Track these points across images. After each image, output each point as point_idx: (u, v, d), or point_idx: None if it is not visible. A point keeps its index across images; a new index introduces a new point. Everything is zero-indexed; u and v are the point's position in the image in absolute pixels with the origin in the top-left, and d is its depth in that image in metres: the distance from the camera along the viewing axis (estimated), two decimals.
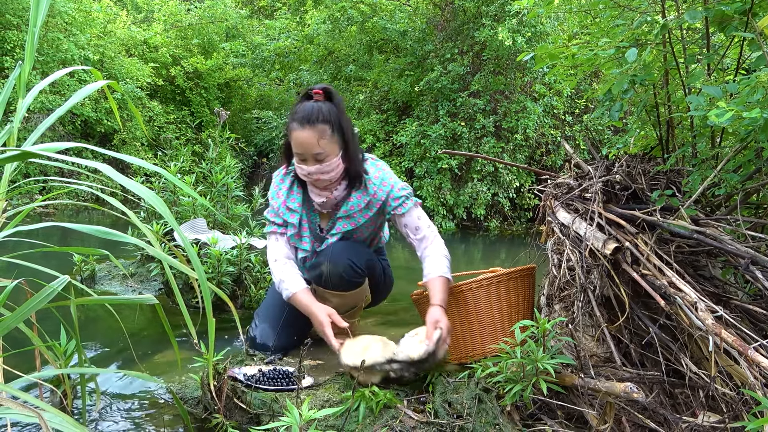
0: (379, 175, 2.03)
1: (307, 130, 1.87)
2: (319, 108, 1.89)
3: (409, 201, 2.02)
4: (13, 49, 7.78)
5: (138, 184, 0.90)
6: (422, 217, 2.04)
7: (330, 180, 1.97)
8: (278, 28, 11.18)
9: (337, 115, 1.92)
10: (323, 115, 1.88)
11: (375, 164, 2.06)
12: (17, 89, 1.49)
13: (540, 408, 1.55)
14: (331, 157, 1.92)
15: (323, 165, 1.92)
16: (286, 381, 1.72)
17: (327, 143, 1.90)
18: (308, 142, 1.88)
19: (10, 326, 1.05)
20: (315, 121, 1.87)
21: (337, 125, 1.91)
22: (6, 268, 1.36)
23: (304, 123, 1.87)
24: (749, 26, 1.51)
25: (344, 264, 1.99)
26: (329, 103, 1.92)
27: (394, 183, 2.03)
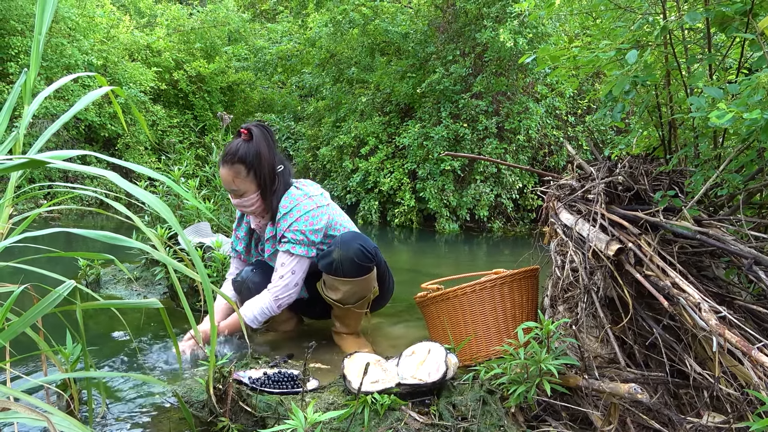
0: (288, 204, 2.09)
1: (225, 168, 2.05)
2: (237, 148, 2.02)
3: (285, 245, 2.08)
4: (17, 54, 7.83)
5: (142, 189, 0.91)
6: (285, 266, 2.09)
7: (254, 212, 2.15)
8: (280, 32, 11.22)
9: (255, 156, 2.03)
10: (239, 156, 2.02)
11: (291, 194, 2.11)
12: (23, 96, 1.51)
13: (544, 409, 1.55)
14: (249, 194, 2.09)
15: (243, 200, 2.10)
16: (290, 384, 1.72)
17: (241, 182, 2.05)
18: (226, 179, 2.06)
19: (17, 331, 1.06)
20: (231, 161, 2.03)
21: (252, 165, 2.03)
22: (12, 273, 1.37)
23: (224, 161, 2.05)
24: (750, 27, 1.52)
25: (355, 248, 2.04)
26: (250, 144, 2.03)
27: (298, 219, 2.07)
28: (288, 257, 2.09)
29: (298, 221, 2.07)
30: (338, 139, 8.82)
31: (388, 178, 8.15)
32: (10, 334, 0.98)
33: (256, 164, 2.04)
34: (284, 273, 2.09)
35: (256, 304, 2.09)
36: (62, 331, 1.58)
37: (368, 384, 1.59)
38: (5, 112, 1.49)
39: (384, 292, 2.31)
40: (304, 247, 2.09)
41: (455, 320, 1.96)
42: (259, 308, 2.09)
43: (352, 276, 2.08)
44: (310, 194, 2.13)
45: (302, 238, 2.07)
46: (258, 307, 2.09)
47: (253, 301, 2.09)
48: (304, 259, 2.11)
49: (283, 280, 2.09)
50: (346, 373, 1.64)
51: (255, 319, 2.09)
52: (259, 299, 2.09)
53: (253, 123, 2.07)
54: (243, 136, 2.05)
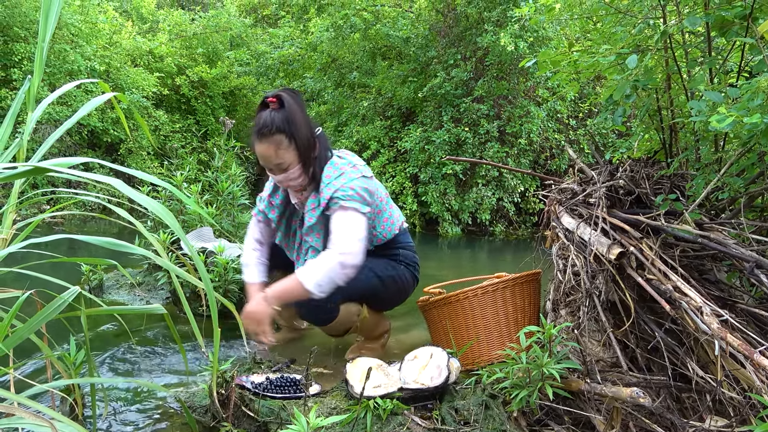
0: (333, 174, 1.94)
1: (264, 142, 1.87)
2: (272, 119, 1.85)
3: (338, 203, 1.89)
4: (21, 61, 7.86)
5: (145, 196, 0.92)
6: (341, 224, 1.88)
7: (300, 185, 1.97)
8: (282, 37, 11.25)
9: (292, 122, 1.86)
10: (276, 125, 1.84)
11: (334, 163, 1.97)
12: (26, 102, 1.52)
13: (547, 414, 1.55)
14: (293, 164, 1.91)
15: (288, 173, 1.92)
16: (293, 389, 1.72)
17: (284, 152, 1.88)
18: (267, 154, 1.88)
19: (22, 337, 1.07)
20: (269, 133, 1.85)
21: (292, 133, 1.86)
22: (16, 278, 1.38)
23: (261, 136, 1.86)
24: (750, 31, 1.52)
25: (308, 308, 1.97)
26: (283, 111, 1.86)
27: (343, 184, 1.91)
28: (342, 214, 1.89)
29: (346, 184, 1.92)
30: (340, 144, 8.83)
31: (390, 182, 8.16)
32: (15, 341, 0.99)
33: (295, 131, 1.87)
34: (341, 230, 1.86)
35: (318, 267, 1.81)
36: (66, 336, 1.59)
37: (370, 389, 1.59)
38: (9, 119, 1.50)
39: (382, 303, 2.23)
40: (356, 202, 1.90)
41: (457, 324, 1.97)
42: (323, 272, 1.80)
43: (319, 325, 2.09)
44: (354, 163, 2.01)
45: (352, 193, 1.90)
46: (321, 271, 1.80)
47: (312, 265, 1.82)
48: (359, 214, 1.90)
49: (343, 236, 1.85)
50: (348, 377, 1.65)
51: (318, 286, 1.80)
52: (320, 261, 1.82)
53: (279, 89, 1.90)
54: (272, 105, 1.87)
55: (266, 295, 1.84)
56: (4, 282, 1.41)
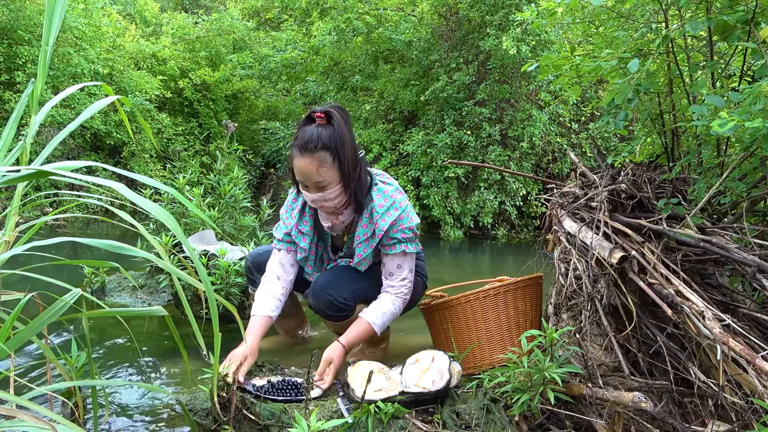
0: (384, 203, 1.91)
1: (307, 158, 1.79)
2: (318, 134, 1.79)
3: (399, 246, 1.93)
4: (24, 64, 7.90)
5: (147, 200, 0.92)
6: (403, 266, 1.97)
7: (335, 207, 1.90)
8: (285, 40, 11.29)
9: (339, 140, 1.80)
10: (323, 141, 1.78)
11: (383, 190, 1.93)
12: (30, 106, 1.53)
13: (548, 418, 1.55)
14: (332, 185, 1.84)
15: (325, 193, 1.84)
16: (294, 392, 1.72)
17: (327, 171, 1.81)
18: (308, 170, 1.81)
19: (24, 339, 1.07)
20: (314, 149, 1.78)
21: (337, 152, 1.80)
22: (19, 280, 1.38)
23: (304, 151, 1.79)
24: (751, 35, 1.52)
25: (325, 299, 1.97)
26: (330, 128, 1.81)
27: (401, 217, 1.92)
28: (403, 258, 1.96)
29: (402, 219, 1.92)
30: None
31: None
32: (16, 343, 0.99)
33: (341, 150, 1.80)
34: (405, 275, 1.97)
35: (386, 313, 1.94)
36: (67, 338, 1.59)
37: (372, 392, 1.59)
38: (13, 122, 1.51)
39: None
40: (413, 244, 1.96)
41: (459, 328, 1.96)
42: (389, 314, 1.94)
43: (332, 320, 2.05)
44: (398, 187, 1.99)
45: (411, 235, 1.95)
46: (387, 313, 1.94)
47: (382, 310, 1.93)
48: (413, 255, 2.01)
49: (405, 281, 1.98)
50: (349, 381, 1.65)
51: (383, 326, 1.94)
52: (384, 304, 1.95)
53: (328, 106, 1.86)
54: (318, 120, 1.82)
55: (343, 344, 1.85)
56: (6, 284, 1.41)
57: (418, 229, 2.00)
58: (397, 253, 1.94)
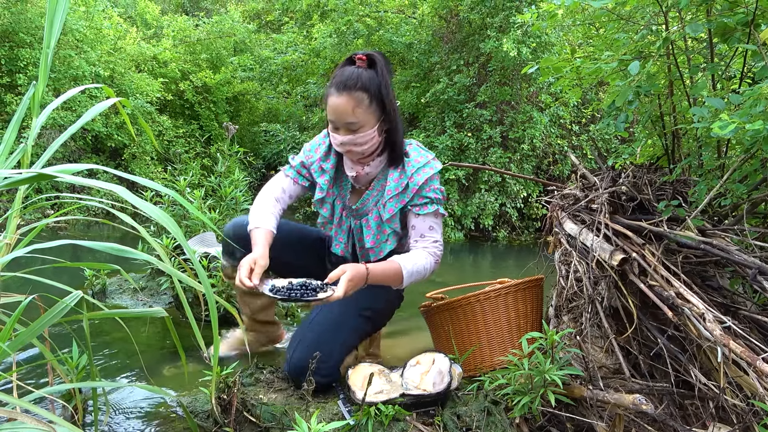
0: (421, 160, 1.84)
1: (343, 96, 1.71)
2: (359, 74, 1.72)
3: (431, 206, 1.85)
4: (26, 66, 7.92)
5: (148, 203, 0.92)
6: (435, 228, 1.87)
7: (363, 153, 1.80)
8: (285, 42, 11.31)
9: (379, 84, 1.73)
10: (362, 82, 1.71)
11: (419, 150, 1.88)
12: (31, 108, 1.53)
13: (549, 420, 1.55)
14: (366, 128, 1.75)
15: (356, 136, 1.75)
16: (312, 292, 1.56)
17: (363, 113, 1.73)
18: (342, 109, 1.72)
19: (25, 341, 1.07)
20: (352, 87, 1.70)
21: (376, 95, 1.73)
22: (20, 283, 1.38)
23: (341, 89, 1.71)
24: (752, 38, 1.52)
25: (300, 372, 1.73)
26: (371, 71, 1.75)
27: (434, 177, 1.85)
28: (435, 219, 1.87)
29: (434, 179, 1.86)
30: None
31: None
32: (17, 345, 0.99)
33: (383, 93, 1.74)
34: (437, 237, 1.87)
35: (419, 267, 1.79)
36: (68, 340, 1.59)
37: (372, 395, 1.59)
38: (14, 124, 1.51)
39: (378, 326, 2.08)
40: (444, 207, 1.90)
41: (459, 330, 1.96)
42: (420, 267, 1.79)
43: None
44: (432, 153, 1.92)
45: (442, 197, 1.88)
46: (419, 266, 1.79)
47: (416, 261, 1.79)
48: (442, 218, 1.92)
49: (437, 243, 1.87)
50: (350, 383, 1.64)
51: (410, 277, 1.77)
52: (418, 256, 1.80)
53: (371, 51, 1.81)
54: (359, 62, 1.76)
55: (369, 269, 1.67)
56: (7, 287, 1.41)
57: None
58: (429, 213, 1.85)
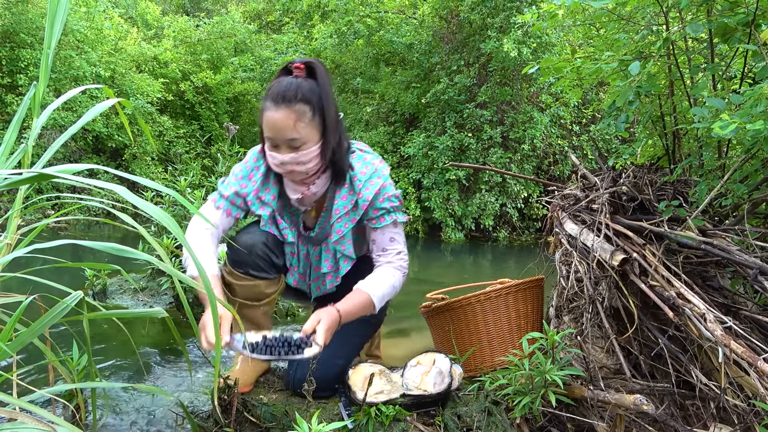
0: (367, 171, 1.71)
1: (283, 110, 1.54)
2: (298, 85, 1.56)
3: (388, 217, 1.74)
4: (26, 67, 7.93)
5: (149, 203, 0.92)
6: (396, 239, 1.77)
7: (306, 172, 1.64)
8: (286, 43, 11.32)
9: (320, 94, 1.58)
10: (303, 93, 1.55)
11: (362, 158, 1.73)
12: (32, 108, 1.53)
13: (550, 420, 1.54)
14: (309, 145, 1.59)
15: (299, 154, 1.58)
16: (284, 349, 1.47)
17: (305, 127, 1.56)
18: (282, 124, 1.55)
19: (25, 341, 1.07)
20: (292, 99, 1.54)
21: (318, 107, 1.58)
22: (20, 283, 1.39)
23: (279, 101, 1.54)
24: (752, 38, 1.52)
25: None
26: (311, 80, 1.59)
27: (384, 185, 1.73)
28: (395, 229, 1.76)
29: (385, 187, 1.72)
30: None
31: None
32: (18, 345, 0.99)
33: (325, 105, 1.59)
34: (400, 248, 1.77)
35: (388, 286, 1.70)
36: (69, 340, 1.59)
37: (373, 395, 1.58)
38: (15, 125, 1.51)
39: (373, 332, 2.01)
40: (402, 213, 1.78)
41: (460, 330, 1.96)
42: (389, 287, 1.70)
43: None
44: (377, 155, 1.79)
45: (398, 203, 1.76)
46: (388, 286, 1.70)
47: (382, 282, 1.69)
48: (402, 226, 1.82)
49: (402, 254, 1.77)
50: (350, 383, 1.64)
51: (383, 300, 1.69)
52: (384, 275, 1.71)
53: (308, 59, 1.64)
54: (297, 71, 1.59)
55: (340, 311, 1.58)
56: (8, 287, 1.42)
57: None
58: (388, 224, 1.74)
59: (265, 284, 1.77)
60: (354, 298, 1.63)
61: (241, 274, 1.74)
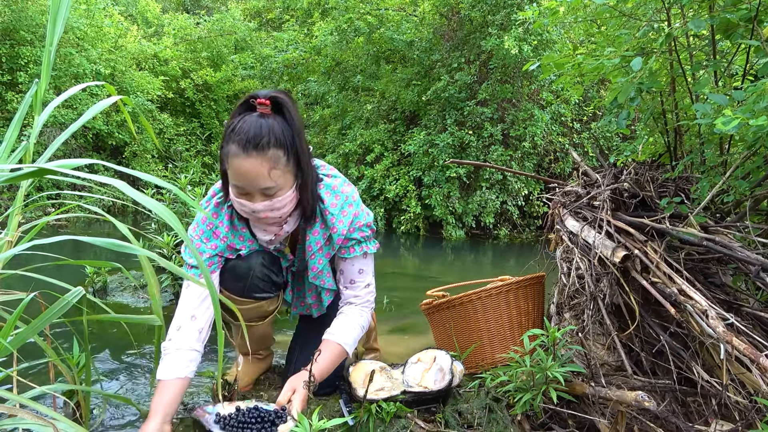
0: (338, 202, 1.60)
1: (254, 158, 1.38)
2: (270, 128, 1.39)
3: (358, 248, 1.67)
4: (27, 64, 7.93)
5: (149, 198, 0.92)
6: (365, 270, 1.71)
7: (281, 217, 1.52)
8: (286, 40, 11.31)
9: (292, 134, 1.43)
10: (275, 137, 1.39)
11: (330, 187, 1.61)
12: (33, 106, 1.53)
13: (551, 417, 1.54)
14: (284, 191, 1.46)
15: (273, 201, 1.45)
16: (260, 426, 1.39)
17: (281, 174, 1.43)
18: (255, 174, 1.39)
19: (26, 338, 1.07)
20: (265, 146, 1.38)
21: (293, 149, 1.43)
22: (21, 280, 1.39)
23: (249, 149, 1.37)
24: (755, 33, 1.52)
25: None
26: (280, 118, 1.43)
27: (357, 213, 1.64)
28: (364, 261, 1.69)
29: (358, 215, 1.63)
30: (344, 147, 8.85)
31: (394, 185, 8.17)
32: (18, 342, 0.99)
33: (298, 146, 1.45)
34: (368, 280, 1.72)
35: (351, 325, 1.66)
36: (70, 337, 1.59)
37: (374, 392, 1.58)
38: (16, 122, 1.51)
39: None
40: (372, 243, 1.71)
41: (461, 327, 1.96)
42: (358, 329, 1.67)
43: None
44: (345, 179, 1.68)
45: (369, 233, 1.68)
46: (357, 329, 1.67)
47: (345, 324, 1.66)
48: (373, 256, 1.74)
49: (369, 287, 1.73)
50: (351, 380, 1.64)
51: (354, 344, 1.67)
52: (352, 319, 1.67)
53: (271, 91, 1.46)
54: (261, 108, 1.42)
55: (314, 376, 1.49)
56: (9, 284, 1.42)
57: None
58: (357, 255, 1.67)
59: (267, 303, 1.76)
60: (327, 354, 1.57)
61: (244, 299, 1.68)
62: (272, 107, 1.43)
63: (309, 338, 1.78)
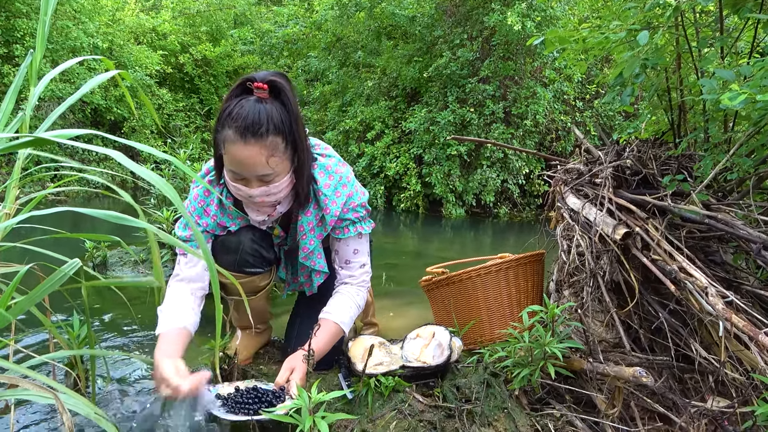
0: (331, 182, 1.59)
1: (253, 145, 1.36)
2: (268, 114, 1.37)
3: (353, 228, 1.67)
4: (23, 37, 7.82)
5: (148, 170, 0.91)
6: (360, 250, 1.71)
7: (277, 201, 1.53)
8: (286, 15, 11.15)
9: (290, 121, 1.42)
10: (274, 124, 1.37)
11: (325, 167, 1.60)
12: (29, 77, 1.50)
13: (548, 392, 1.56)
14: (281, 176, 1.46)
15: (270, 186, 1.45)
16: (257, 406, 1.37)
17: (279, 161, 1.42)
18: (254, 161, 1.38)
19: (24, 308, 1.07)
20: (264, 134, 1.36)
21: (290, 136, 1.42)
22: (19, 253, 1.38)
23: (248, 136, 1.35)
24: (764, 8, 1.49)
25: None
26: (278, 104, 1.40)
27: (351, 194, 1.63)
28: (359, 241, 1.69)
29: (352, 195, 1.63)
30: (344, 124, 8.79)
31: (394, 162, 8.14)
32: (17, 311, 0.99)
33: (296, 132, 1.43)
34: (363, 260, 1.72)
35: (347, 305, 1.66)
36: (69, 312, 1.59)
37: (372, 366, 1.59)
38: (11, 94, 1.49)
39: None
40: (367, 223, 1.71)
41: (460, 304, 1.97)
42: (354, 308, 1.68)
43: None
44: (339, 158, 1.66)
45: (364, 213, 1.68)
46: (353, 308, 1.68)
47: (341, 303, 1.66)
48: (368, 236, 1.74)
49: (365, 267, 1.74)
50: (350, 355, 1.65)
51: (351, 323, 1.68)
52: (348, 298, 1.68)
53: (268, 73, 1.42)
54: (259, 92, 1.39)
55: (311, 352, 1.49)
56: (8, 257, 1.41)
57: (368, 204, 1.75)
58: (351, 236, 1.67)
59: (259, 278, 1.75)
60: (324, 333, 1.58)
61: (236, 274, 1.66)
62: (270, 91, 1.40)
63: (309, 312, 1.79)
